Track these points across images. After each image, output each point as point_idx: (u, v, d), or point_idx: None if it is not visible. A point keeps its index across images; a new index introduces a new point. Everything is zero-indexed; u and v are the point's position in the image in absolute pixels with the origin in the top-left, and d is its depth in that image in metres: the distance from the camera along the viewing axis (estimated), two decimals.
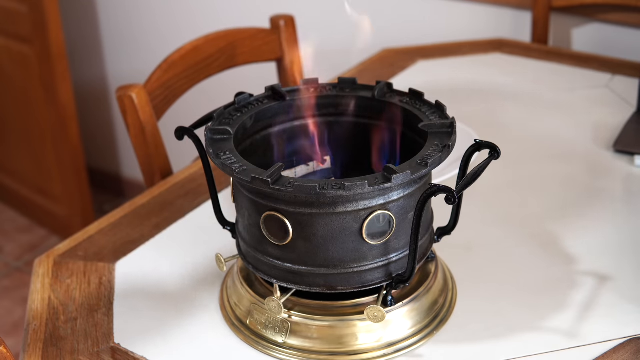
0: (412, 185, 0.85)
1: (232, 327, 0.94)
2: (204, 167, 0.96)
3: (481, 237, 1.09)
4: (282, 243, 0.86)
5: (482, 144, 0.89)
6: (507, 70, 1.64)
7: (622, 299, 0.97)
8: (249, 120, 0.95)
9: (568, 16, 1.83)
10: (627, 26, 1.77)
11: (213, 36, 1.54)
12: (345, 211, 0.83)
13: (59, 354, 0.92)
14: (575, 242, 1.08)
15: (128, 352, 0.92)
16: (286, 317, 0.90)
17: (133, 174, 2.81)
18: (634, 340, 0.90)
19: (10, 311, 2.36)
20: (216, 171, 1.20)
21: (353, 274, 0.86)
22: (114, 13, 2.56)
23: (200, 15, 2.38)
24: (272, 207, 0.85)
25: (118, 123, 2.76)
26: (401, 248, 0.87)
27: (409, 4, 2.03)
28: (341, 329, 0.89)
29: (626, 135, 1.32)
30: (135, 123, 1.36)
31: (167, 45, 2.39)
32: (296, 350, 0.89)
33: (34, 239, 2.68)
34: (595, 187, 1.21)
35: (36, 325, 0.97)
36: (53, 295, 1.02)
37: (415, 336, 0.91)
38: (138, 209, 1.20)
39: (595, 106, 1.46)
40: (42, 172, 2.61)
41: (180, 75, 1.46)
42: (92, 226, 1.16)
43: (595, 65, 1.63)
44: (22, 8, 2.34)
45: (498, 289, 0.99)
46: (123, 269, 1.06)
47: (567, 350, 0.89)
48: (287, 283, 0.88)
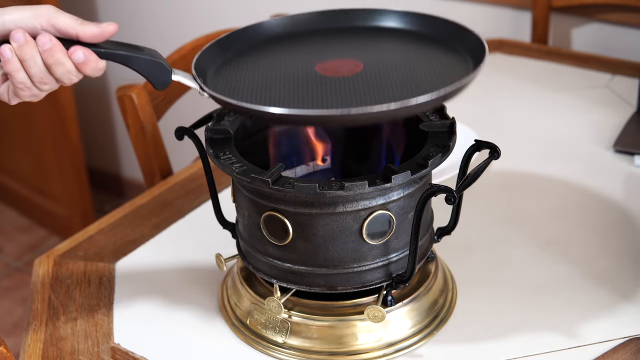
0: (412, 185, 0.85)
1: (232, 327, 0.94)
2: (204, 167, 0.96)
3: (481, 237, 1.09)
4: (282, 243, 0.86)
5: (482, 144, 0.89)
6: (507, 70, 1.64)
7: (622, 299, 0.97)
8: (248, 120, 0.95)
9: (568, 16, 1.83)
10: (627, 26, 1.77)
11: (213, 36, 1.53)
12: (345, 211, 0.83)
13: (59, 354, 0.92)
14: (575, 242, 1.08)
15: (128, 352, 0.92)
16: (286, 317, 0.90)
17: (133, 174, 2.81)
18: (634, 340, 0.90)
19: (10, 311, 2.36)
20: (216, 171, 1.20)
21: (353, 274, 0.86)
22: (114, 13, 2.56)
23: (200, 15, 2.38)
24: (272, 207, 0.85)
25: (118, 123, 2.76)
26: (401, 248, 0.87)
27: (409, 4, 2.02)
28: (341, 329, 0.89)
29: (626, 135, 1.32)
30: (135, 123, 1.36)
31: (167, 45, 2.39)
32: (296, 350, 0.89)
33: (34, 239, 2.68)
34: (595, 187, 1.21)
35: (36, 325, 0.97)
36: (53, 295, 1.02)
37: (415, 336, 0.91)
38: (138, 209, 1.20)
39: (595, 106, 1.46)
40: (42, 172, 2.61)
41: None
42: (92, 226, 1.16)
43: (595, 65, 1.63)
44: None
45: (498, 289, 0.99)
46: (123, 269, 1.06)
47: (567, 350, 0.89)
48: (287, 283, 0.88)
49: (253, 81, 0.86)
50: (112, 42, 0.81)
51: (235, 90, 0.85)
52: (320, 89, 0.83)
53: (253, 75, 0.88)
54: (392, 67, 0.86)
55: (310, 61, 0.90)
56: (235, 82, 0.87)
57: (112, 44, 0.80)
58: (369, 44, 0.94)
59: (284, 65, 0.90)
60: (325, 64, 0.88)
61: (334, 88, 0.83)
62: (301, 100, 0.81)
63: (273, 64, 0.90)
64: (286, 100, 0.81)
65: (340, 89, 0.82)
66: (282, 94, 0.83)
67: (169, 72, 0.82)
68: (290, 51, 0.93)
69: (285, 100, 0.81)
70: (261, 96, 0.83)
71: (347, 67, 0.87)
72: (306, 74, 0.86)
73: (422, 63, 0.88)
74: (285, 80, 0.86)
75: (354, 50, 0.92)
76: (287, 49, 0.94)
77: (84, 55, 0.77)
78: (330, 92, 0.82)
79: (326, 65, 0.88)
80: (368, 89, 0.82)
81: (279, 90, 0.84)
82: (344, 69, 0.87)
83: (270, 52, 0.94)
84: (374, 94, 0.80)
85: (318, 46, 0.94)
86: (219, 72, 0.89)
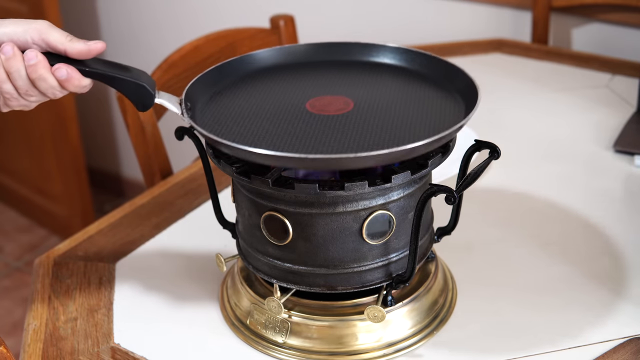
0: (412, 185, 0.85)
1: (232, 327, 0.94)
2: (204, 167, 0.96)
3: (481, 237, 1.09)
4: (282, 243, 0.86)
5: (482, 144, 0.89)
6: (507, 70, 1.64)
7: (622, 298, 0.97)
8: None
9: (568, 16, 1.83)
10: (627, 26, 1.77)
11: (213, 36, 1.54)
12: (345, 211, 0.83)
13: (59, 354, 0.92)
14: (575, 242, 1.08)
15: (128, 352, 0.92)
16: (286, 317, 0.90)
17: (133, 174, 2.81)
18: (634, 340, 0.90)
19: (10, 311, 2.36)
20: (216, 171, 1.20)
21: (353, 274, 0.86)
22: (114, 13, 2.56)
23: (200, 15, 2.38)
24: (272, 207, 0.85)
25: (118, 123, 2.76)
26: (401, 248, 0.87)
27: (409, 4, 2.03)
28: (341, 329, 0.89)
29: (626, 135, 1.32)
30: (135, 123, 1.36)
31: (167, 45, 2.39)
32: (296, 350, 0.89)
33: (34, 239, 2.68)
34: (595, 187, 1.21)
35: (36, 325, 0.97)
36: (53, 295, 1.02)
37: (415, 336, 0.91)
38: (138, 209, 1.20)
39: (595, 106, 1.46)
40: (42, 172, 2.61)
41: (181, 76, 1.46)
42: (92, 226, 1.16)
43: (595, 65, 1.63)
44: (22, 8, 2.34)
45: (498, 289, 0.99)
46: (123, 269, 1.06)
47: (567, 350, 0.89)
48: (287, 283, 0.88)
49: (241, 114, 0.88)
50: (100, 60, 0.83)
51: (221, 121, 0.87)
52: (307, 128, 0.84)
53: (241, 108, 0.89)
54: (382, 108, 0.88)
55: (301, 96, 0.91)
56: (224, 114, 0.88)
57: (99, 63, 0.82)
58: (360, 80, 0.95)
59: (274, 99, 0.91)
60: (315, 100, 0.90)
61: (321, 127, 0.84)
62: (285, 139, 0.82)
63: (264, 97, 0.92)
64: (268, 138, 0.82)
65: (327, 129, 0.83)
66: (267, 131, 0.84)
67: (151, 95, 0.83)
68: (282, 84, 0.95)
69: (268, 138, 0.82)
70: (244, 131, 0.84)
71: (337, 105, 0.89)
72: (295, 110, 0.88)
73: (412, 105, 0.89)
74: (273, 115, 0.87)
75: (345, 86, 0.94)
76: (280, 82, 0.95)
77: (67, 72, 0.80)
78: (316, 131, 0.83)
79: (316, 101, 0.90)
80: (354, 130, 0.83)
81: (265, 126, 0.85)
82: (333, 107, 0.88)
83: (262, 83, 0.95)
84: (358, 137, 0.82)
85: (310, 80, 0.96)
86: (210, 102, 0.91)
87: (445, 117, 0.86)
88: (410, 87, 0.93)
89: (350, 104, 0.89)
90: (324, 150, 0.79)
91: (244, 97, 0.92)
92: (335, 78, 0.96)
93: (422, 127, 0.84)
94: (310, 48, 1.01)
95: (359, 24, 2.11)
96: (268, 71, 0.98)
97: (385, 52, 1.00)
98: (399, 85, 0.94)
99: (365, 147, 0.79)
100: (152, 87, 0.84)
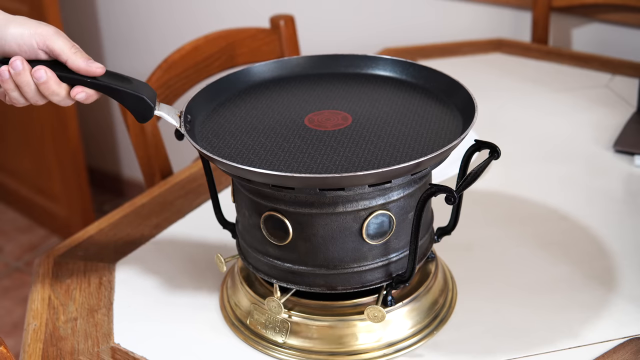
0: (412, 185, 0.86)
1: (232, 327, 0.94)
2: (204, 168, 0.96)
3: (481, 237, 1.09)
4: (282, 243, 0.86)
5: (482, 144, 0.89)
6: (507, 70, 1.64)
7: (622, 299, 0.97)
8: None
9: (568, 16, 1.83)
10: (627, 26, 1.77)
11: (213, 36, 1.54)
12: (345, 211, 0.83)
13: (59, 354, 0.92)
14: (575, 242, 1.08)
15: (128, 352, 0.92)
16: (286, 317, 0.90)
17: (133, 174, 2.81)
18: (634, 340, 0.90)
19: (10, 311, 2.36)
20: (216, 171, 1.20)
21: (353, 274, 0.86)
22: (114, 13, 2.56)
23: (200, 15, 2.38)
24: (272, 207, 0.85)
25: (118, 123, 2.76)
26: (401, 248, 0.87)
27: (409, 4, 2.03)
28: (341, 329, 0.89)
29: (626, 135, 1.32)
30: (135, 123, 1.36)
31: (167, 45, 2.39)
32: (296, 350, 0.89)
33: (34, 239, 2.68)
34: (595, 187, 1.21)
35: (36, 325, 0.97)
36: (53, 295, 1.02)
37: (415, 336, 0.91)
38: (138, 209, 1.20)
39: (595, 106, 1.46)
40: (42, 172, 2.61)
41: (180, 75, 1.46)
42: (92, 226, 1.16)
43: (595, 65, 1.63)
44: (22, 8, 2.34)
45: (498, 289, 0.99)
46: (123, 269, 1.06)
47: (567, 350, 0.89)
48: (287, 283, 0.88)
49: (240, 128, 0.89)
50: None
51: (220, 134, 0.87)
52: (303, 144, 0.84)
53: (242, 122, 0.90)
54: (379, 124, 0.89)
55: (300, 110, 0.92)
56: (223, 127, 0.89)
57: (102, 75, 0.83)
58: (360, 93, 0.96)
59: (274, 112, 0.92)
60: (314, 115, 0.91)
61: (317, 143, 0.85)
62: (280, 155, 0.83)
63: (264, 110, 0.93)
64: (263, 154, 0.83)
65: (323, 145, 0.84)
66: (263, 146, 0.85)
67: (150, 107, 0.84)
68: (283, 97, 0.95)
69: (263, 153, 0.83)
70: (241, 145, 0.85)
71: (335, 120, 0.89)
72: (293, 125, 0.89)
73: (410, 121, 0.89)
74: (271, 130, 0.88)
75: (344, 100, 0.94)
76: (281, 95, 0.96)
77: (85, 94, 0.83)
78: (312, 147, 0.84)
79: (315, 116, 0.90)
80: (348, 147, 0.84)
81: (262, 141, 0.86)
82: (331, 122, 0.89)
83: (264, 96, 0.96)
84: (351, 155, 0.82)
85: (310, 94, 0.96)
86: (211, 115, 0.92)
87: (442, 132, 0.87)
88: (410, 102, 0.93)
89: (349, 119, 0.90)
90: (316, 168, 0.80)
91: (246, 110, 0.93)
92: (336, 91, 0.96)
93: (417, 145, 0.84)
94: (312, 60, 1.01)
95: (359, 24, 2.11)
96: (270, 84, 0.99)
97: (386, 65, 1.00)
98: (399, 99, 0.94)
99: (356, 166, 0.80)
100: (152, 99, 0.85)
